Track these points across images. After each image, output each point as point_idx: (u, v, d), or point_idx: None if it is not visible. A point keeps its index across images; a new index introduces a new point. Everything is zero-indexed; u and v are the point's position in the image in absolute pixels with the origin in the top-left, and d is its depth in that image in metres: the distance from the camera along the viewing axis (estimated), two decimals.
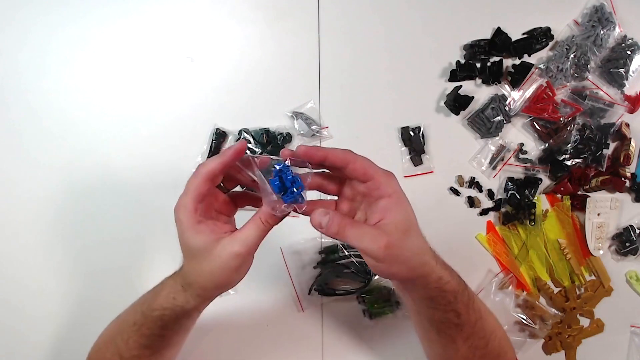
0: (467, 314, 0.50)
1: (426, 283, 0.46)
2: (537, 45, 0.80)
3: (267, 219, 0.44)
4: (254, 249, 0.45)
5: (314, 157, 0.43)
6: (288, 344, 0.75)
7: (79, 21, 0.74)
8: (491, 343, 0.53)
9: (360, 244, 0.43)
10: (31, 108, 0.73)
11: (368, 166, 0.44)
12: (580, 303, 0.80)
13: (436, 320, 0.50)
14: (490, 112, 0.78)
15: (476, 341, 0.51)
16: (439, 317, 0.50)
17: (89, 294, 0.72)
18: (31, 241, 0.72)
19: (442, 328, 0.51)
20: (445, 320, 0.50)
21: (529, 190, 0.78)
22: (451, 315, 0.49)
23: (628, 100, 0.82)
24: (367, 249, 0.42)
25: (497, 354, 0.54)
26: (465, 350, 0.51)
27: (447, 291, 0.47)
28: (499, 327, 0.56)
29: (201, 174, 0.45)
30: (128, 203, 0.73)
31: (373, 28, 0.79)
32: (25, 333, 0.71)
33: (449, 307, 0.48)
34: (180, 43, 0.76)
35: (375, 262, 0.43)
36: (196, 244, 0.45)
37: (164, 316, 0.49)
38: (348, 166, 0.44)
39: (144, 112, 0.75)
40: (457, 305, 0.48)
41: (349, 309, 0.75)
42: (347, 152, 0.44)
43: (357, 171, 0.44)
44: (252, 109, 0.76)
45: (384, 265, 0.43)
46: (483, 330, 0.52)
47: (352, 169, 0.44)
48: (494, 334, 0.54)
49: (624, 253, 0.81)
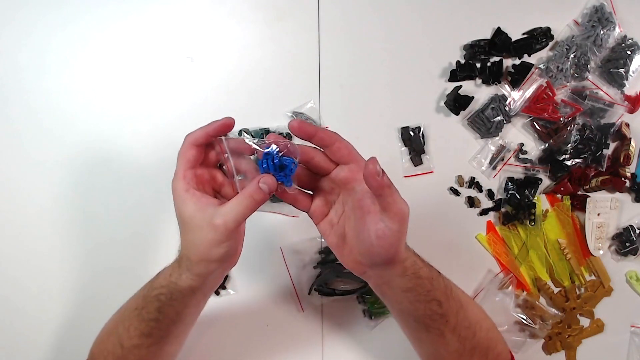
0: (448, 302, 0.50)
1: (404, 269, 0.48)
2: (537, 45, 0.80)
3: (252, 194, 0.44)
4: (233, 224, 0.44)
5: (306, 132, 0.46)
6: (288, 344, 0.75)
7: (79, 21, 0.74)
8: (478, 333, 0.53)
9: (395, 204, 0.43)
10: (31, 108, 0.73)
11: (353, 149, 0.48)
12: (580, 303, 0.80)
13: (421, 315, 0.50)
14: (490, 112, 0.78)
15: (463, 331, 0.52)
16: (423, 310, 0.50)
17: (89, 294, 0.72)
18: (31, 241, 0.72)
19: (429, 322, 0.51)
20: (430, 312, 0.50)
21: (529, 190, 0.78)
22: (434, 305, 0.50)
23: (628, 100, 0.82)
24: (400, 211, 0.44)
25: (486, 346, 0.54)
26: (455, 344, 0.52)
27: (422, 277, 0.49)
28: (484, 318, 0.56)
29: (186, 141, 0.48)
30: (128, 202, 0.73)
31: (373, 28, 0.79)
32: (25, 333, 0.71)
33: (429, 295, 0.49)
34: (180, 43, 0.76)
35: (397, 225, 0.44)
36: (182, 212, 0.47)
37: (161, 295, 0.49)
38: (335, 144, 0.46)
39: (144, 112, 0.75)
40: (435, 292, 0.49)
41: (349, 309, 0.75)
42: (335, 133, 0.47)
43: (342, 150, 0.47)
44: (252, 109, 0.76)
45: (395, 238, 0.45)
46: (467, 319, 0.52)
47: (338, 147, 0.47)
48: (480, 323, 0.54)
49: (624, 253, 0.81)
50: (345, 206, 0.49)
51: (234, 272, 0.74)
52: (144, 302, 0.51)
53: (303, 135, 0.46)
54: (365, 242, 0.46)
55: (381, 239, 0.45)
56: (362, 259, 0.48)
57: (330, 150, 0.47)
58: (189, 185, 0.47)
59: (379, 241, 0.45)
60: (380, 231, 0.45)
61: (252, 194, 0.44)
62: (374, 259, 0.47)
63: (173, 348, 0.55)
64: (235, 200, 0.45)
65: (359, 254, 0.48)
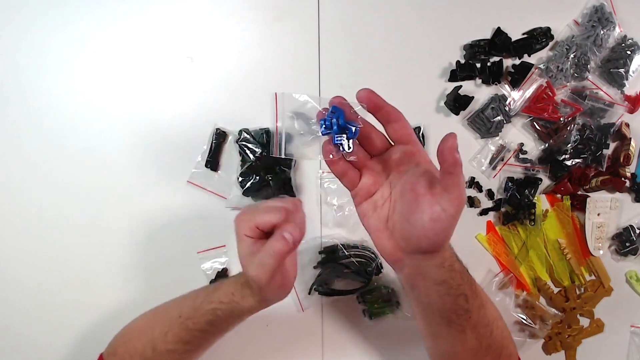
0: (473, 297, 0.50)
1: (443, 259, 0.47)
2: (537, 45, 0.80)
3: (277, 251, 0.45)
4: (264, 277, 0.46)
5: (374, 102, 0.45)
6: (288, 344, 0.75)
7: (79, 21, 0.74)
8: (495, 331, 0.53)
9: (459, 187, 0.43)
10: (31, 108, 0.73)
11: (413, 131, 0.48)
12: (580, 303, 0.80)
13: (447, 309, 0.50)
14: (490, 112, 0.78)
15: (482, 329, 0.51)
16: (450, 304, 0.49)
17: (89, 294, 0.72)
18: (31, 241, 0.72)
19: (453, 318, 0.50)
20: (456, 307, 0.49)
21: (529, 190, 0.78)
22: (461, 300, 0.49)
23: (628, 100, 0.82)
24: (460, 196, 0.43)
25: (500, 345, 0.54)
26: (472, 341, 0.51)
27: (456, 270, 0.48)
28: (499, 318, 0.56)
29: (238, 233, 0.48)
30: (128, 202, 0.73)
31: (373, 28, 0.79)
32: (25, 333, 0.71)
33: (459, 290, 0.48)
34: (180, 43, 0.76)
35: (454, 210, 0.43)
36: (238, 252, 0.49)
37: (217, 310, 0.51)
38: (398, 122, 0.46)
39: (144, 112, 0.75)
40: (464, 287, 0.49)
41: (349, 309, 0.75)
42: (400, 112, 0.47)
43: (404, 129, 0.47)
44: (252, 109, 0.76)
45: (448, 223, 0.44)
46: (486, 317, 0.52)
47: (401, 126, 0.46)
48: (496, 322, 0.54)
49: (624, 253, 0.81)
50: (393, 189, 0.48)
51: (233, 272, 0.74)
52: (193, 312, 0.52)
53: (371, 105, 0.45)
54: (416, 226, 0.45)
55: (436, 222, 0.44)
56: (403, 245, 0.47)
57: (392, 128, 0.47)
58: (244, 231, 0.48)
59: (432, 224, 0.44)
60: (436, 214, 0.43)
61: (277, 251, 0.45)
62: (421, 245, 0.46)
63: (202, 355, 0.57)
64: (265, 253, 0.46)
65: (403, 240, 0.47)
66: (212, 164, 0.74)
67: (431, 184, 0.44)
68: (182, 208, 0.74)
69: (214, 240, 0.74)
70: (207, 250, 0.73)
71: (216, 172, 0.74)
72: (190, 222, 0.74)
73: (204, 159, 0.74)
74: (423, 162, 0.47)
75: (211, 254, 0.73)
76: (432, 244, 0.46)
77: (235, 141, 0.74)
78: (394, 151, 0.48)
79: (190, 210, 0.74)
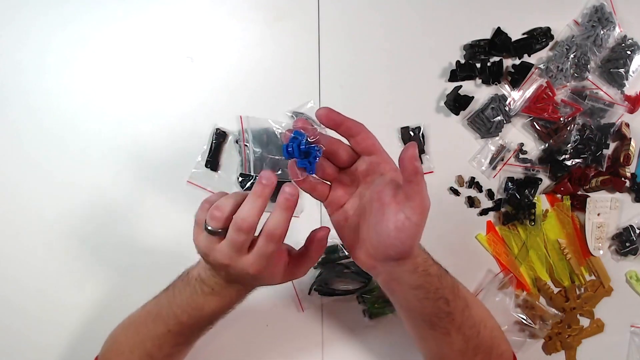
0: (455, 300, 0.50)
1: (415, 265, 0.47)
2: (537, 45, 0.80)
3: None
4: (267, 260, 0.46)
5: (333, 120, 0.45)
6: (288, 344, 0.75)
7: (79, 21, 0.74)
8: (482, 332, 0.53)
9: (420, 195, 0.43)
10: (31, 108, 0.73)
11: (377, 141, 0.48)
12: (580, 303, 0.80)
13: (428, 312, 0.50)
14: (490, 112, 0.78)
15: (467, 330, 0.51)
16: (430, 308, 0.50)
17: (89, 294, 0.72)
18: (31, 241, 0.72)
19: (435, 321, 0.51)
20: (437, 310, 0.50)
21: (529, 190, 0.78)
22: (441, 303, 0.49)
23: (628, 100, 0.82)
24: (423, 203, 0.43)
25: (489, 345, 0.54)
26: (459, 343, 0.52)
27: (432, 275, 0.48)
28: (488, 318, 0.56)
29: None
30: (128, 202, 0.73)
31: (373, 28, 0.79)
32: (25, 333, 0.71)
33: (437, 293, 0.49)
34: (180, 43, 0.76)
35: (418, 218, 0.43)
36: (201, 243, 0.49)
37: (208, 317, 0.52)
38: (360, 134, 0.47)
39: (144, 112, 0.75)
40: (444, 291, 0.49)
41: (349, 309, 0.75)
42: (361, 123, 0.47)
43: (367, 141, 0.47)
44: (252, 109, 0.76)
45: (413, 231, 0.44)
46: (472, 318, 0.52)
47: (363, 138, 0.47)
48: (484, 323, 0.54)
49: (624, 253, 0.81)
50: (362, 199, 0.49)
51: None
52: (180, 326, 0.52)
53: (330, 123, 0.45)
54: (382, 234, 0.45)
55: (400, 231, 0.44)
56: (374, 253, 0.48)
57: (355, 141, 0.47)
58: None
59: (397, 233, 0.44)
60: (400, 222, 0.44)
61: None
62: (389, 253, 0.46)
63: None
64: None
65: (372, 248, 0.48)
66: (212, 164, 0.74)
67: (395, 193, 0.45)
68: (182, 208, 0.74)
69: None
70: None
71: (216, 172, 0.74)
72: (190, 222, 0.74)
73: (204, 159, 0.74)
74: (388, 171, 0.47)
75: None
76: (399, 252, 0.46)
77: (235, 141, 0.74)
78: (360, 162, 0.49)
79: (190, 210, 0.74)
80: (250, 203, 0.43)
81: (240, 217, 0.43)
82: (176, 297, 0.52)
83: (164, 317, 0.53)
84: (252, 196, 0.43)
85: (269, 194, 0.43)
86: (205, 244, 0.46)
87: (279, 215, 0.43)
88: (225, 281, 0.49)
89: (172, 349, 0.54)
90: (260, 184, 0.43)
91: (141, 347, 0.54)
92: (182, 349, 0.57)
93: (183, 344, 0.56)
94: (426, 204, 0.44)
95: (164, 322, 0.52)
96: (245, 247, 0.44)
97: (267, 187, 0.43)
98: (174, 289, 0.53)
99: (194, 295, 0.50)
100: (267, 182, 0.43)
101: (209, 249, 0.45)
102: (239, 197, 0.45)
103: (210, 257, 0.46)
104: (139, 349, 0.54)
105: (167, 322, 0.52)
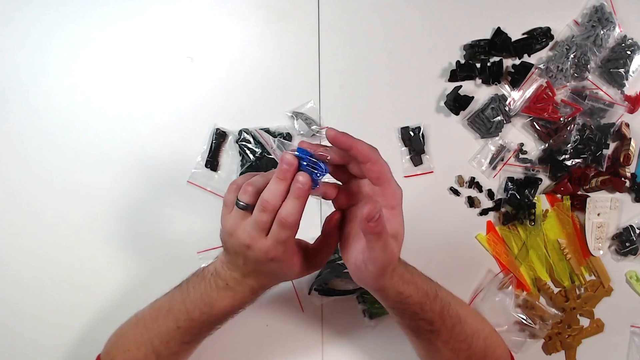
0: (442, 320, 0.50)
1: (385, 296, 0.48)
2: (537, 45, 0.80)
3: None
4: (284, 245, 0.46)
5: (342, 143, 0.44)
6: (288, 344, 0.75)
7: (79, 21, 0.74)
8: (475, 344, 0.53)
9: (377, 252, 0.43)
10: (31, 108, 0.73)
11: (386, 171, 0.45)
12: (580, 303, 0.80)
13: (407, 326, 0.51)
14: (490, 112, 0.78)
15: (457, 344, 0.52)
16: (409, 324, 0.51)
17: (89, 294, 0.72)
18: (31, 241, 0.72)
19: (418, 333, 0.52)
20: (417, 327, 0.51)
21: (529, 190, 0.78)
22: (423, 324, 0.50)
23: (628, 100, 0.82)
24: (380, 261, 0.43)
25: (483, 354, 0.54)
26: (447, 353, 0.52)
27: (409, 304, 0.48)
28: (483, 327, 0.57)
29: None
30: (128, 202, 0.73)
31: (373, 28, 0.79)
32: (24, 334, 0.71)
33: (415, 317, 0.49)
34: (180, 43, 0.76)
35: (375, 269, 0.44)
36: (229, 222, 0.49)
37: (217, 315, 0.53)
38: (368, 163, 0.44)
39: (144, 112, 0.75)
40: (425, 315, 0.49)
41: (349, 309, 0.75)
42: (373, 149, 0.44)
43: (374, 172, 0.44)
44: (252, 109, 0.76)
45: (370, 277, 0.45)
46: (463, 333, 0.52)
47: (370, 168, 0.44)
48: (477, 334, 0.54)
49: (624, 253, 0.81)
50: (356, 214, 0.49)
51: None
52: (190, 322, 0.52)
53: (339, 146, 0.44)
54: (349, 259, 0.47)
55: (358, 270, 0.46)
56: (351, 268, 0.49)
57: (363, 167, 0.45)
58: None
59: (355, 269, 0.46)
60: (359, 262, 0.45)
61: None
62: (353, 276, 0.48)
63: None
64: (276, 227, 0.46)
65: (351, 262, 0.49)
66: (212, 164, 0.74)
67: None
68: (182, 208, 0.74)
69: (214, 240, 0.73)
70: (207, 250, 0.73)
71: (216, 172, 0.74)
72: (190, 222, 0.74)
73: (204, 159, 0.74)
74: (388, 207, 0.46)
75: (211, 254, 0.73)
76: (360, 282, 0.47)
77: (235, 141, 0.74)
78: (366, 182, 0.47)
79: (190, 210, 0.74)
80: (273, 185, 0.44)
81: (265, 197, 0.44)
82: (190, 292, 0.52)
83: (175, 313, 0.53)
84: (275, 179, 0.44)
85: (291, 177, 0.44)
86: (232, 222, 0.46)
87: (291, 203, 0.44)
88: (241, 275, 0.49)
89: (179, 347, 0.54)
90: (281, 167, 0.43)
91: (148, 343, 0.54)
92: (188, 348, 0.57)
93: (190, 342, 0.56)
94: (385, 260, 0.43)
95: (175, 318, 0.53)
96: (267, 228, 0.45)
97: (289, 171, 0.43)
98: (188, 284, 0.54)
99: (208, 290, 0.51)
100: (288, 166, 0.43)
101: (236, 225, 0.46)
102: (269, 175, 0.45)
103: (234, 237, 0.46)
104: (145, 346, 0.54)
105: (177, 318, 0.52)
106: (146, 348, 0.54)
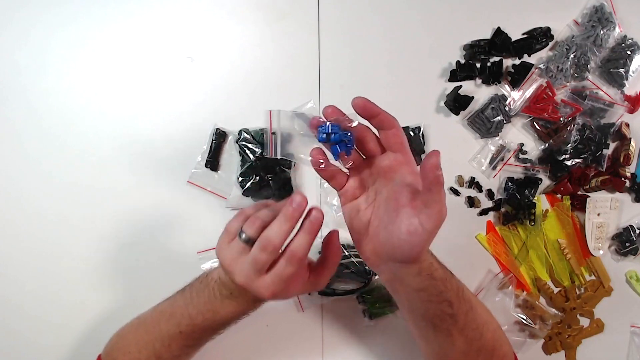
0: (459, 303, 0.50)
1: (420, 269, 0.47)
2: (537, 45, 0.80)
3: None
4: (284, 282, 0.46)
5: (370, 111, 0.45)
6: (288, 344, 0.75)
7: (79, 21, 0.74)
8: (485, 334, 0.53)
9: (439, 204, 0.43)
10: (31, 108, 0.73)
11: (405, 140, 0.47)
12: (580, 303, 0.80)
13: (431, 314, 0.50)
14: (490, 112, 0.78)
15: (470, 332, 0.51)
16: (433, 310, 0.50)
17: (89, 294, 0.72)
18: (31, 241, 0.72)
19: (437, 322, 0.51)
20: (440, 312, 0.50)
21: (529, 190, 0.78)
22: (444, 306, 0.49)
23: (628, 100, 0.82)
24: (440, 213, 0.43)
25: (492, 347, 0.54)
26: (461, 344, 0.52)
27: (436, 279, 0.48)
28: (491, 320, 0.56)
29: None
30: (128, 202, 0.73)
31: (373, 28, 0.79)
32: (24, 334, 0.71)
33: (441, 296, 0.49)
34: (180, 43, 0.76)
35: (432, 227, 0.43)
36: (226, 254, 0.49)
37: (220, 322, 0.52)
38: (392, 129, 0.46)
39: (144, 112, 0.75)
40: (448, 294, 0.49)
41: (349, 309, 0.75)
42: (395, 119, 0.47)
43: (397, 138, 0.46)
44: (252, 109, 0.76)
45: (424, 237, 0.44)
46: (475, 321, 0.52)
47: (394, 134, 0.46)
48: (487, 325, 0.54)
49: (624, 253, 0.81)
50: (378, 195, 0.49)
51: None
52: (193, 327, 0.52)
53: (366, 113, 0.45)
54: (392, 235, 0.45)
55: (412, 235, 0.44)
56: (381, 251, 0.47)
57: (385, 134, 0.47)
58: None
59: (408, 236, 0.44)
60: (413, 227, 0.43)
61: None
62: (395, 254, 0.46)
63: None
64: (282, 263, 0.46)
65: (380, 245, 0.47)
66: (212, 164, 0.74)
67: (413, 197, 0.44)
68: (182, 208, 0.74)
69: (214, 240, 0.73)
70: (207, 251, 0.73)
71: (216, 172, 0.74)
72: (190, 222, 0.74)
73: (204, 159, 0.74)
74: (410, 173, 0.47)
75: (211, 254, 0.73)
76: (407, 255, 0.46)
77: (235, 141, 0.74)
78: (384, 158, 0.48)
79: (190, 210, 0.74)
80: (278, 224, 0.43)
81: (266, 236, 0.43)
82: (193, 298, 0.52)
83: (177, 318, 0.53)
84: (280, 218, 0.44)
85: (298, 218, 0.44)
86: (230, 256, 0.46)
87: (303, 238, 0.44)
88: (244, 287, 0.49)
89: (181, 350, 0.54)
90: (289, 208, 0.43)
91: (150, 346, 0.54)
92: (190, 352, 0.57)
93: (192, 347, 0.56)
94: (443, 214, 0.43)
95: (177, 323, 0.52)
96: (265, 268, 0.44)
97: (297, 211, 0.43)
98: (191, 289, 0.53)
99: (212, 298, 0.50)
100: (297, 207, 0.43)
101: (233, 262, 0.45)
102: (278, 210, 0.45)
103: (230, 276, 0.46)
104: (147, 349, 0.54)
105: (180, 322, 0.52)
106: (147, 351, 0.54)
